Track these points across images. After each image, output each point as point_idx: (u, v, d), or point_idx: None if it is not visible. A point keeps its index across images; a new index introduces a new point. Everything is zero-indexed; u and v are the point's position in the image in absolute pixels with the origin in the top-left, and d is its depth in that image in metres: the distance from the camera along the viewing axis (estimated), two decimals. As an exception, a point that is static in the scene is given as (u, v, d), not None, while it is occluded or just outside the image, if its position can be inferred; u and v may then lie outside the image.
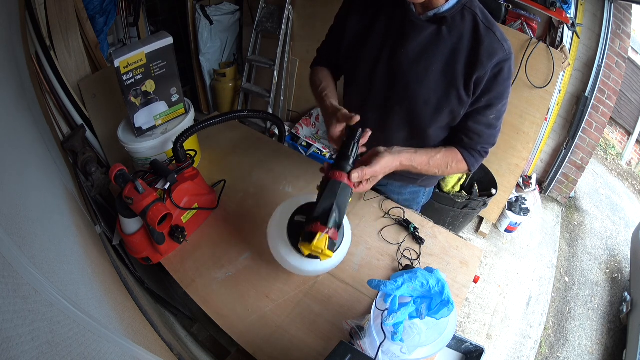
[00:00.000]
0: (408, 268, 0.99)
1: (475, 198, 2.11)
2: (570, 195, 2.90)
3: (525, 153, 2.18)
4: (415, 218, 1.13)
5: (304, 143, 2.58)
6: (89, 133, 1.35)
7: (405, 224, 1.09)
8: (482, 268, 2.28)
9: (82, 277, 0.74)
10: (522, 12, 2.03)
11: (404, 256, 1.02)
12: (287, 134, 2.68)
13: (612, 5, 2.26)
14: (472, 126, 0.93)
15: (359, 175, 0.78)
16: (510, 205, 2.43)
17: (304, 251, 0.74)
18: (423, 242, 1.05)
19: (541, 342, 1.98)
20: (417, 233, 1.07)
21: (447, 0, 0.82)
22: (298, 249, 0.79)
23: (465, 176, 2.25)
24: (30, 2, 1.22)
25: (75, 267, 0.74)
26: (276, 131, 2.69)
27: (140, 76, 1.08)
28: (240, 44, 2.98)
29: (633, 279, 2.14)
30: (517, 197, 2.47)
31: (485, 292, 2.16)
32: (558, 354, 1.95)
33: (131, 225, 0.94)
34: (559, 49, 1.96)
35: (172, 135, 1.07)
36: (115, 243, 1.10)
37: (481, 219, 2.53)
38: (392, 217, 1.12)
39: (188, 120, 1.25)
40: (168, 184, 0.97)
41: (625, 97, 3.51)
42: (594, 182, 3.28)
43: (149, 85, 1.11)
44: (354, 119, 0.80)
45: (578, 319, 2.14)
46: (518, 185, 2.71)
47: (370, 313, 0.76)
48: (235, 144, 1.40)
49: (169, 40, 1.09)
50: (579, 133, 2.58)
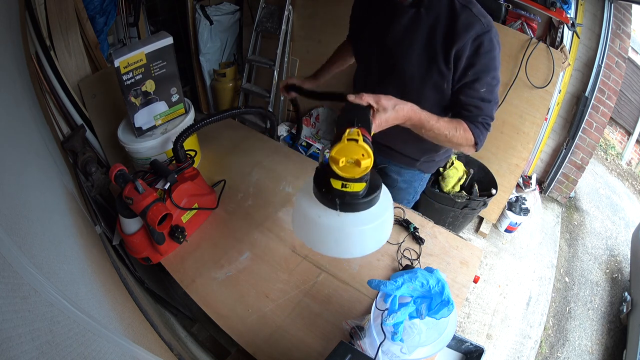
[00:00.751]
0: (408, 268, 0.99)
1: (475, 198, 2.11)
2: (570, 195, 2.90)
3: (525, 153, 2.18)
4: (415, 218, 1.13)
5: (304, 143, 2.58)
6: (89, 133, 1.35)
7: (405, 224, 1.09)
8: (482, 268, 2.28)
9: (82, 277, 0.74)
10: (522, 12, 2.03)
11: (404, 256, 1.02)
12: (287, 134, 2.68)
13: (612, 5, 2.26)
14: (465, 100, 0.96)
15: (356, 96, 0.79)
16: (510, 205, 2.43)
17: (337, 159, 0.58)
18: (423, 242, 1.05)
19: (541, 342, 1.98)
20: (417, 233, 1.06)
21: None
22: (331, 194, 0.62)
23: (465, 176, 2.25)
24: (30, 2, 1.22)
25: (75, 267, 0.74)
26: (277, 132, 2.69)
27: (140, 76, 1.08)
28: (240, 44, 2.98)
29: (633, 279, 2.14)
30: (517, 197, 2.47)
31: (485, 292, 2.16)
32: (558, 354, 1.95)
33: (131, 225, 0.94)
34: (559, 49, 1.96)
35: (172, 135, 1.07)
36: (115, 243, 1.10)
37: (481, 219, 2.53)
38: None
39: (188, 121, 1.25)
40: (168, 184, 0.97)
41: (625, 97, 3.51)
42: (594, 182, 3.28)
43: (149, 85, 1.11)
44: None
45: (578, 319, 2.14)
46: (518, 185, 2.71)
47: (370, 313, 0.76)
48: (235, 144, 1.40)
49: (169, 40, 1.09)
50: (579, 133, 2.58)
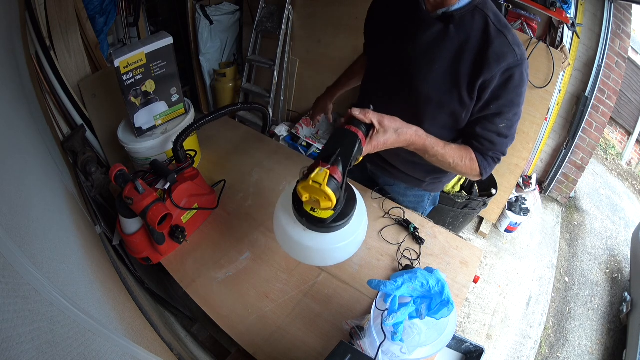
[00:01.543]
0: (408, 268, 0.99)
1: (475, 198, 2.11)
2: (570, 195, 2.90)
3: (525, 153, 2.18)
4: (415, 218, 1.13)
5: (304, 143, 2.58)
6: (89, 133, 1.35)
7: (405, 224, 1.09)
8: (482, 268, 2.28)
9: (82, 277, 0.74)
10: (522, 12, 2.03)
11: (404, 256, 1.02)
12: (287, 134, 2.68)
13: (612, 5, 2.26)
14: (481, 132, 0.90)
15: (360, 111, 0.76)
16: (510, 205, 2.43)
17: (303, 194, 0.63)
18: (423, 242, 1.05)
19: (541, 342, 1.98)
20: (417, 233, 1.07)
21: (459, 0, 0.81)
22: (300, 212, 0.68)
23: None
24: (30, 2, 1.22)
25: (75, 267, 0.74)
26: (276, 131, 2.69)
27: (140, 76, 1.08)
28: (240, 44, 2.98)
29: (633, 279, 2.14)
30: (517, 197, 2.47)
31: (485, 292, 2.16)
32: (558, 354, 1.95)
33: (131, 225, 0.94)
34: (559, 49, 1.96)
35: (172, 135, 1.07)
36: (115, 243, 1.10)
37: (481, 219, 2.53)
38: (392, 217, 1.12)
39: (188, 121, 1.24)
40: (168, 184, 0.97)
41: (625, 97, 3.51)
42: (594, 182, 3.28)
43: (149, 85, 1.11)
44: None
45: (578, 319, 2.14)
46: (518, 185, 2.71)
47: (370, 313, 0.76)
48: (235, 144, 1.40)
49: (169, 40, 1.09)
50: (579, 133, 2.58)
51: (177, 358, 0.91)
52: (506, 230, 2.49)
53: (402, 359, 0.70)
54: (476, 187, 2.21)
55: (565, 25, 2.01)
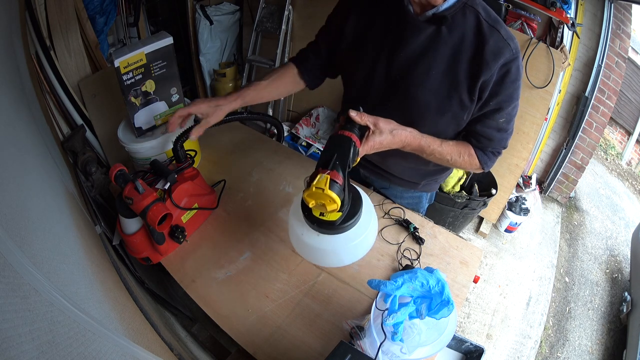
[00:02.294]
0: (408, 268, 0.99)
1: (475, 198, 2.11)
2: (570, 195, 2.90)
3: (525, 153, 2.18)
4: (415, 218, 1.13)
5: (304, 143, 2.58)
6: (89, 133, 1.35)
7: (405, 224, 1.09)
8: (482, 268, 2.28)
9: (82, 277, 0.74)
10: (522, 12, 2.03)
11: (404, 256, 1.02)
12: (287, 134, 2.68)
13: (612, 5, 2.26)
14: (481, 130, 0.89)
15: (357, 114, 0.77)
16: (510, 205, 2.43)
17: (309, 201, 0.66)
18: (423, 242, 1.05)
19: (541, 342, 1.98)
20: (417, 233, 1.06)
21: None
22: (310, 219, 0.71)
23: (465, 176, 2.25)
24: (30, 2, 1.22)
25: (75, 267, 0.74)
26: (276, 131, 2.69)
27: (140, 76, 1.08)
28: (240, 44, 2.98)
29: (633, 279, 2.14)
30: (517, 197, 2.47)
31: (485, 292, 2.16)
32: (558, 354, 1.95)
33: (131, 225, 0.94)
34: (559, 49, 1.96)
35: (172, 135, 1.07)
36: (115, 243, 1.10)
37: (481, 219, 2.53)
38: (392, 217, 1.12)
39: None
40: (168, 184, 0.97)
41: (625, 97, 3.51)
42: (594, 182, 3.28)
43: (149, 85, 1.11)
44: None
45: (578, 319, 2.14)
46: (518, 185, 2.71)
47: (370, 313, 0.76)
48: (235, 144, 1.40)
49: (169, 40, 1.09)
50: (579, 133, 2.58)
51: (177, 358, 0.91)
52: (506, 230, 2.49)
53: (402, 359, 0.70)
54: (476, 187, 2.21)
55: (565, 25, 2.01)
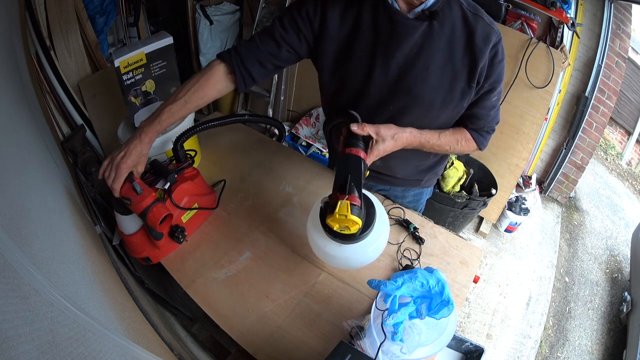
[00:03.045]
0: (408, 268, 0.99)
1: (475, 198, 2.11)
2: (570, 195, 2.90)
3: (525, 153, 2.18)
4: (415, 218, 1.13)
5: (304, 143, 2.58)
6: (89, 133, 1.35)
7: (405, 224, 1.09)
8: (482, 268, 2.28)
9: (82, 277, 0.74)
10: (522, 12, 2.03)
11: (404, 256, 1.02)
12: (287, 134, 2.68)
13: (612, 5, 2.26)
14: (477, 112, 0.92)
15: (358, 126, 0.80)
16: (510, 205, 2.43)
17: (333, 225, 0.72)
18: (423, 242, 1.05)
19: (541, 342, 1.98)
20: (417, 233, 1.06)
21: None
22: (332, 233, 0.76)
23: (465, 176, 2.25)
24: (30, 2, 1.22)
25: (75, 267, 0.74)
26: (276, 132, 2.69)
27: (140, 76, 1.08)
28: (240, 44, 2.98)
29: (633, 279, 2.14)
30: (517, 197, 2.47)
31: (485, 292, 2.16)
32: (558, 354, 1.95)
33: (128, 222, 0.94)
34: (559, 49, 1.96)
35: (172, 135, 1.07)
36: (115, 243, 1.10)
37: (481, 219, 2.53)
38: (392, 217, 1.12)
39: (188, 121, 1.24)
40: (168, 184, 0.97)
41: (625, 97, 3.51)
42: (594, 182, 3.28)
43: (149, 85, 1.11)
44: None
45: (578, 318, 2.14)
46: (518, 185, 2.71)
47: (370, 313, 0.76)
48: (235, 144, 1.40)
49: (169, 40, 1.10)
50: (579, 133, 2.58)
51: (177, 358, 0.91)
52: (506, 230, 2.49)
53: (402, 359, 0.70)
54: (476, 187, 2.21)
55: (565, 25, 2.01)
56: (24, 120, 0.90)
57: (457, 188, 2.22)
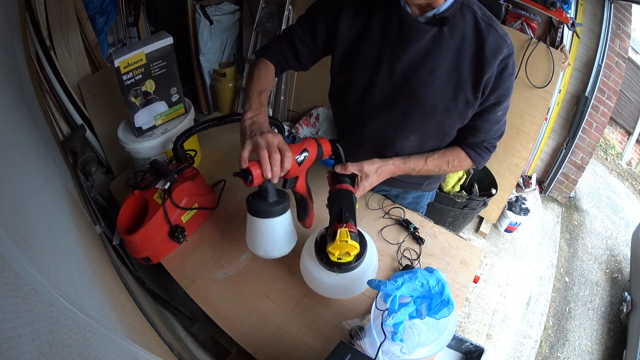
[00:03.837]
0: (408, 268, 0.99)
1: (475, 198, 2.12)
2: (570, 195, 2.91)
3: (525, 153, 2.18)
4: (415, 218, 1.13)
5: (304, 143, 2.57)
6: (89, 133, 1.35)
7: (405, 224, 1.09)
8: (482, 268, 2.28)
9: (82, 277, 0.74)
10: (522, 12, 2.03)
11: (404, 256, 1.02)
12: (287, 133, 2.68)
13: (612, 5, 2.26)
14: (480, 124, 0.92)
15: (341, 167, 0.86)
16: (510, 205, 2.43)
17: (334, 252, 0.76)
18: (423, 242, 1.05)
19: (541, 342, 1.98)
20: (417, 233, 1.07)
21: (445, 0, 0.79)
22: (329, 264, 0.79)
23: (465, 176, 2.25)
24: (30, 2, 1.22)
25: (75, 267, 0.74)
26: (276, 131, 2.69)
27: (140, 76, 1.08)
28: (240, 44, 2.98)
29: (633, 279, 2.14)
30: (517, 197, 2.47)
31: (485, 292, 2.16)
32: (558, 354, 1.95)
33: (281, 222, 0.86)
34: (559, 49, 1.96)
35: (172, 135, 1.07)
36: (115, 243, 1.10)
37: (481, 219, 2.53)
38: (392, 217, 1.12)
39: (188, 121, 1.24)
40: (168, 183, 0.97)
41: (625, 97, 3.51)
42: (594, 182, 3.28)
43: (149, 85, 1.11)
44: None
45: (578, 318, 2.14)
46: (518, 185, 2.71)
47: (370, 313, 0.76)
48: (235, 144, 1.38)
49: (169, 40, 1.09)
50: (579, 133, 2.59)
51: (177, 358, 0.91)
52: (506, 230, 2.49)
53: (402, 359, 0.70)
54: (476, 187, 2.21)
55: (565, 25, 2.01)
56: (24, 121, 0.90)
57: (457, 188, 2.22)
